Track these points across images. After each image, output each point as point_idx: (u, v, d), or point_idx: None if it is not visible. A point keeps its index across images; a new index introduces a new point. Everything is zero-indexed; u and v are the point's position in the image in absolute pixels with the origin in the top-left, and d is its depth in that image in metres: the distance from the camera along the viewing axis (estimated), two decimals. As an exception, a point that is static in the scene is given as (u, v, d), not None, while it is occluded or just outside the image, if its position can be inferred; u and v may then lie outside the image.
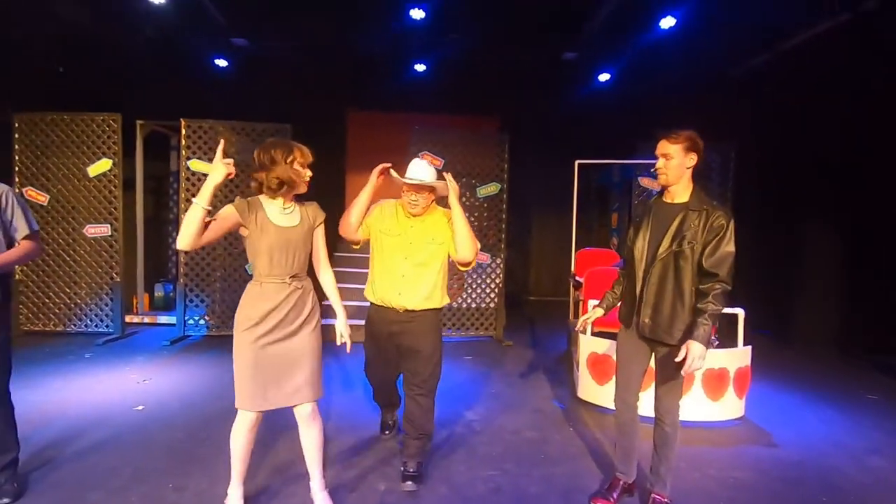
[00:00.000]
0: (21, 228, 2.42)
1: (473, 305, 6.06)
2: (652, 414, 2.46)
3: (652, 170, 2.40)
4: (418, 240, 2.64)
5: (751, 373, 3.75)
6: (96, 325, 5.63)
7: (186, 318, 5.59)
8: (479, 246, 2.71)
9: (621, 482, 2.55)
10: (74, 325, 5.63)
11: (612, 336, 4.01)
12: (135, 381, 4.12)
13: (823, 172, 5.68)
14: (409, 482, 2.59)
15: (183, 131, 5.53)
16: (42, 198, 5.44)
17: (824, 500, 2.63)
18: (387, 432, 3.17)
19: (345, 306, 2.43)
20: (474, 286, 6.04)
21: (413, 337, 2.63)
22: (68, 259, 5.57)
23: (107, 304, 5.62)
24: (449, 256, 2.71)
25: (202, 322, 5.63)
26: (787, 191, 6.20)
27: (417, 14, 5.35)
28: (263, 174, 2.16)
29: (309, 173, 2.24)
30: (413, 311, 2.62)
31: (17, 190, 5.14)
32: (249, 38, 6.38)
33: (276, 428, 2.99)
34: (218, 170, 2.03)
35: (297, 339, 2.20)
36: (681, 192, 2.30)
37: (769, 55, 6.03)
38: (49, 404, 3.56)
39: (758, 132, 6.49)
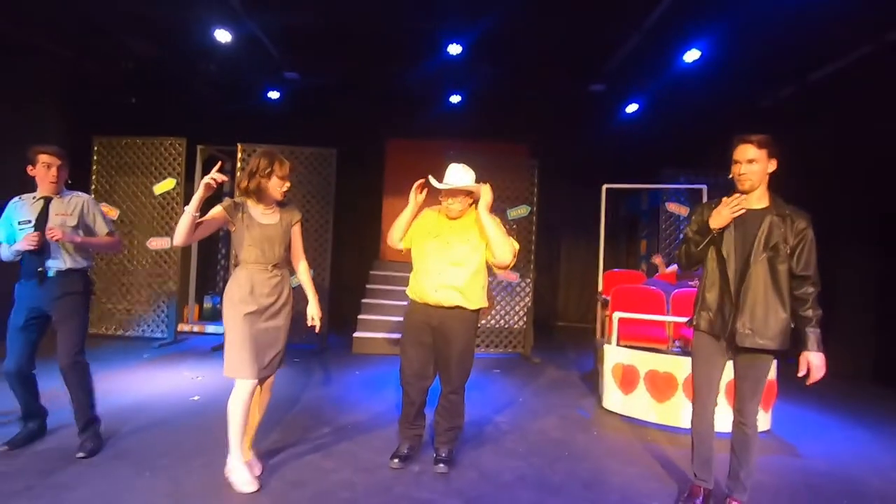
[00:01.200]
0: (102, 229, 3.01)
1: (503, 323, 6.26)
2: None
3: (730, 176, 2.40)
4: (455, 240, 2.82)
5: (777, 387, 3.81)
6: (152, 331, 6.10)
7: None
8: (516, 247, 2.87)
9: (702, 489, 2.56)
10: (133, 331, 6.11)
11: (637, 349, 4.18)
12: (189, 378, 4.49)
13: (856, 200, 5.70)
14: (442, 465, 2.84)
15: (239, 154, 6.07)
16: (113, 212, 6.02)
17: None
18: (395, 461, 2.88)
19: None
20: (504, 305, 6.25)
21: (447, 333, 2.80)
22: (131, 269, 6.11)
23: (163, 311, 6.09)
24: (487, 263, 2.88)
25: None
26: (818, 220, 6.21)
27: (455, 49, 5.79)
28: (245, 180, 2.57)
29: (286, 185, 2.63)
30: (449, 308, 2.79)
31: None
32: (300, 72, 6.98)
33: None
34: (203, 184, 2.37)
35: (278, 319, 2.62)
36: (760, 197, 2.35)
37: (796, 86, 6.21)
38: (114, 393, 3.93)
39: (786, 162, 6.58)
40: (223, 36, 5.63)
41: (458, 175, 2.80)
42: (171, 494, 2.45)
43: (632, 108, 7.21)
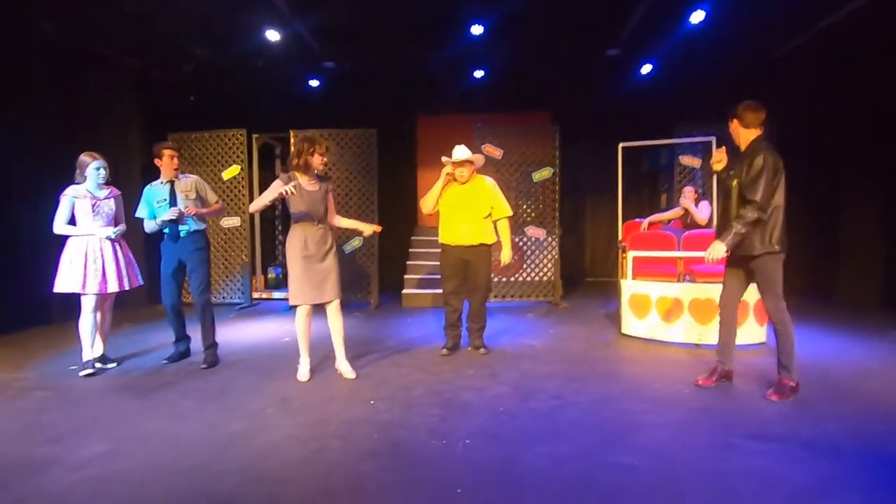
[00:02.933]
0: (212, 198, 4.04)
1: (534, 276, 6.99)
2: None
3: None
4: (468, 198, 4.10)
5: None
6: (231, 298, 7.12)
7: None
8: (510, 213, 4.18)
9: (719, 369, 3.31)
10: (215, 298, 7.13)
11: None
12: (276, 327, 5.45)
13: (869, 146, 6.00)
14: (483, 349, 4.26)
15: (291, 139, 6.91)
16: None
17: (811, 382, 3.36)
18: (444, 350, 4.22)
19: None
20: (533, 258, 6.97)
21: (475, 262, 4.10)
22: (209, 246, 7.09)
23: (238, 280, 7.09)
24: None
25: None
26: (831, 169, 6.57)
27: (477, 30, 6.41)
28: (296, 158, 3.42)
29: (325, 160, 3.52)
30: (473, 245, 4.06)
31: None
32: (336, 61, 7.72)
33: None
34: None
35: (327, 260, 3.51)
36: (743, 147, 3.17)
37: (809, 33, 6.47)
38: (220, 338, 4.90)
39: (800, 110, 6.92)
40: (273, 35, 6.41)
41: (463, 151, 4.05)
42: (291, 390, 3.35)
43: (646, 68, 7.65)
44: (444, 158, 4.12)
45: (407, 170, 9.04)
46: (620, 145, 6.76)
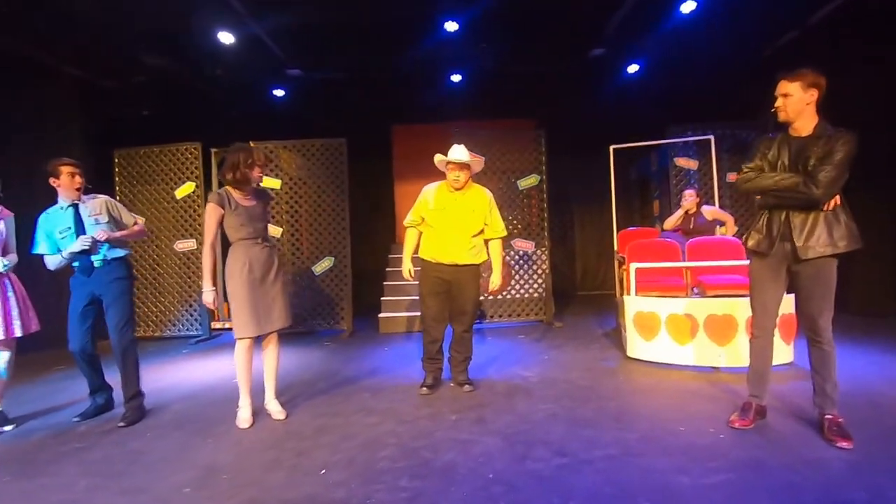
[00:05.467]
0: (128, 219, 3.38)
1: (523, 293, 6.37)
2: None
3: (771, 110, 2.57)
4: (462, 210, 3.44)
5: (797, 321, 3.88)
6: (187, 329, 6.36)
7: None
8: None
9: (754, 405, 2.71)
10: (169, 331, 6.38)
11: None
12: (230, 364, 4.70)
13: (867, 142, 5.65)
14: (467, 385, 3.57)
15: (252, 153, 6.26)
16: (140, 221, 6.26)
17: (866, 417, 2.77)
18: (424, 389, 3.53)
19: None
20: (522, 274, 6.36)
21: (462, 284, 3.46)
22: (161, 272, 6.36)
23: (196, 310, 6.35)
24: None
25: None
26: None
27: (451, 26, 5.88)
28: (230, 172, 2.94)
29: (262, 173, 3.08)
30: (462, 265, 3.44)
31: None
32: (302, 68, 7.13)
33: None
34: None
35: (274, 283, 3.04)
36: (804, 125, 2.47)
37: (799, 31, 6.14)
38: (162, 382, 4.18)
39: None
40: (226, 38, 5.80)
41: (461, 152, 3.42)
42: (225, 454, 2.65)
43: (633, 68, 7.21)
44: (437, 157, 3.47)
45: (383, 181, 8.43)
46: (611, 147, 6.25)
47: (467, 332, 3.58)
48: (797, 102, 2.46)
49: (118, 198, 6.34)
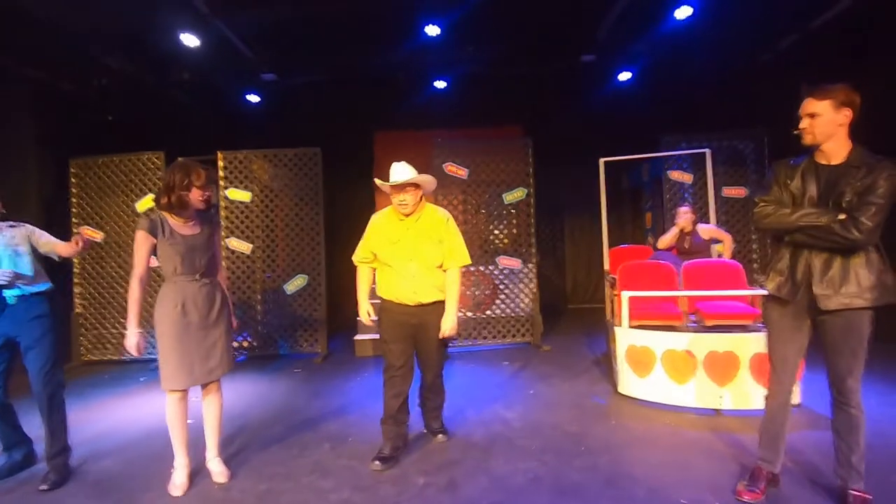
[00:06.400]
0: (51, 240, 2.94)
1: (509, 312, 6.01)
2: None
3: (794, 131, 2.23)
4: (417, 240, 2.87)
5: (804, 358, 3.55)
6: (148, 353, 5.89)
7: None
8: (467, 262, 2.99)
9: (765, 472, 2.34)
10: (128, 354, 5.90)
11: (650, 328, 3.93)
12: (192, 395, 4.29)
13: (882, 154, 5.38)
14: (441, 435, 3.16)
15: (220, 163, 5.85)
16: (98, 235, 5.82)
17: (892, 480, 2.44)
18: (377, 463, 2.79)
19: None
20: (508, 293, 6.00)
21: (428, 325, 2.90)
22: (122, 292, 5.90)
23: (158, 331, 5.90)
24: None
25: (244, 346, 5.84)
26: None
27: (433, 30, 5.51)
28: (164, 196, 2.53)
29: (206, 194, 2.60)
30: (428, 303, 2.89)
31: (74, 231, 5.61)
32: (277, 73, 6.72)
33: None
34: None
35: (215, 327, 2.63)
36: (836, 151, 2.13)
37: (797, 35, 5.86)
38: (99, 424, 3.76)
39: (791, 115, 6.26)
40: (190, 40, 5.39)
41: (403, 171, 2.83)
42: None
43: (624, 76, 6.90)
44: (377, 182, 2.91)
45: (363, 192, 8.01)
46: (602, 160, 5.91)
47: (438, 378, 3.09)
48: (827, 124, 2.09)
49: (75, 210, 5.90)
